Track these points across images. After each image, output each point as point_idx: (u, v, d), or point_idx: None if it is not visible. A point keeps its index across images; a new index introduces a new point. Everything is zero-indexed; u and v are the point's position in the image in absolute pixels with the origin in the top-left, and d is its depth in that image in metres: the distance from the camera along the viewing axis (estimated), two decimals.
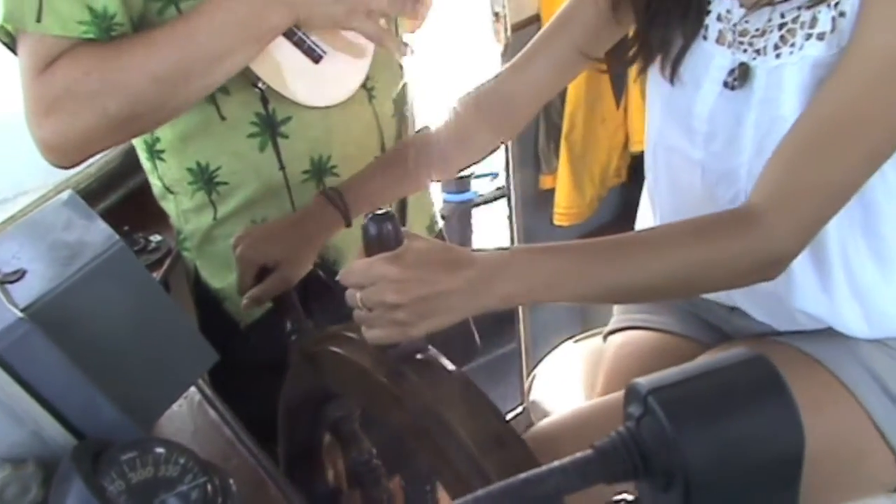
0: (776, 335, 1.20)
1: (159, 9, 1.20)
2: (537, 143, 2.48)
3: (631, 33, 1.19)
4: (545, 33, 1.27)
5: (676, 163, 1.19)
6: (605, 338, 1.46)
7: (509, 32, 2.34)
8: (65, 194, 1.06)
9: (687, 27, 1.09)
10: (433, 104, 1.80)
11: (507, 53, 2.37)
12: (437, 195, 2.43)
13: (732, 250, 0.94)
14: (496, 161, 2.55)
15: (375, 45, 1.32)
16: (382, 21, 1.26)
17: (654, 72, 1.17)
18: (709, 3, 1.09)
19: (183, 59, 1.17)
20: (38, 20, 1.13)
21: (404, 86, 1.49)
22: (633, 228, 1.38)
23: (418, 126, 1.53)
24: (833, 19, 0.94)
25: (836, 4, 0.93)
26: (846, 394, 1.09)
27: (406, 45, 1.35)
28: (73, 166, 1.26)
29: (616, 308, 1.45)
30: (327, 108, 1.33)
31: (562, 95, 2.40)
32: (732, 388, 0.51)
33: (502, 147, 2.46)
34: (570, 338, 1.83)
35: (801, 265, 1.07)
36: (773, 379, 0.51)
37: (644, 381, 0.50)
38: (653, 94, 1.21)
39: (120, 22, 1.16)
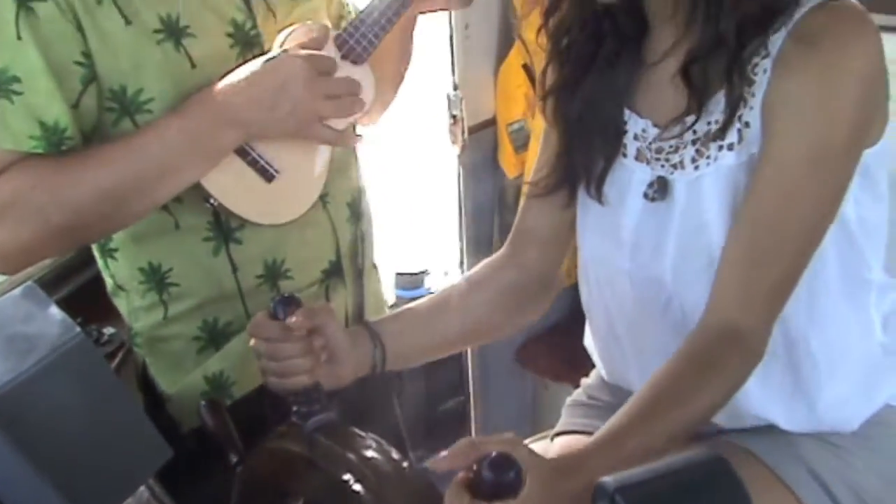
0: (721, 432, 1.22)
1: (114, 120, 1.21)
2: (492, 240, 2.52)
3: (553, 159, 1.23)
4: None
5: (607, 275, 1.23)
6: (552, 439, 1.46)
7: (466, 135, 2.40)
8: (23, 287, 1.05)
9: (607, 148, 1.15)
10: (389, 204, 1.82)
11: (463, 154, 2.43)
12: (389, 291, 2.44)
13: (739, 371, 1.03)
14: (449, 258, 2.58)
15: (331, 150, 1.35)
16: (337, 122, 1.28)
17: (581, 192, 1.22)
18: (625, 123, 1.14)
19: (131, 174, 1.18)
20: None
21: (359, 189, 1.51)
22: (583, 330, 1.40)
23: (373, 225, 1.55)
24: (739, 131, 1.02)
25: (740, 117, 1.01)
26: (786, 491, 1.11)
27: (358, 135, 1.38)
28: (16, 272, 1.26)
29: (563, 411, 1.47)
30: None
31: (516, 192, 2.44)
32: (694, 487, 0.53)
33: (457, 243, 2.51)
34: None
35: None
36: (731, 480, 0.53)
37: (611, 479, 0.51)
38: (581, 212, 1.24)
39: (70, 136, 1.18)
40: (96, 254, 1.40)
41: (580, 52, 1.14)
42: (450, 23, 2.34)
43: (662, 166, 1.10)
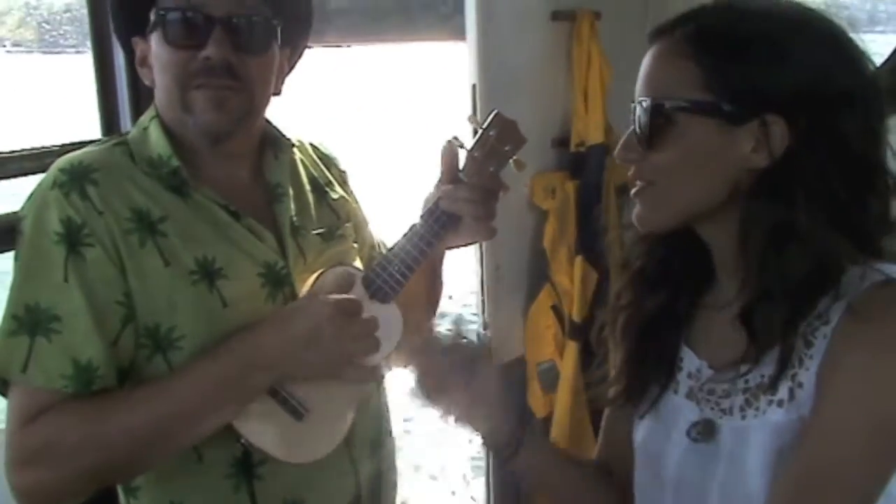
0: None
1: (146, 356, 1.23)
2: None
3: (612, 375, 1.23)
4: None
5: None
6: None
7: None
8: None
9: (660, 378, 1.15)
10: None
11: None
12: None
13: None
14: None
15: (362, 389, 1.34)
16: (367, 360, 1.29)
17: (635, 420, 1.21)
18: (681, 360, 1.14)
19: (163, 418, 1.19)
20: (24, 370, 1.17)
21: (383, 422, 1.49)
22: None
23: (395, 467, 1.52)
24: (791, 389, 0.99)
25: (794, 376, 0.99)
26: None
27: (382, 367, 1.37)
28: None
29: None
30: None
31: (544, 432, 2.39)
32: None
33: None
34: None
35: None
36: None
37: None
38: (635, 437, 1.22)
39: (102, 375, 1.19)
40: (120, 491, 1.38)
41: (650, 280, 1.16)
42: (480, 263, 2.40)
43: (712, 409, 1.08)
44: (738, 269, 1.04)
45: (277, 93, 1.34)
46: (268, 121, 1.38)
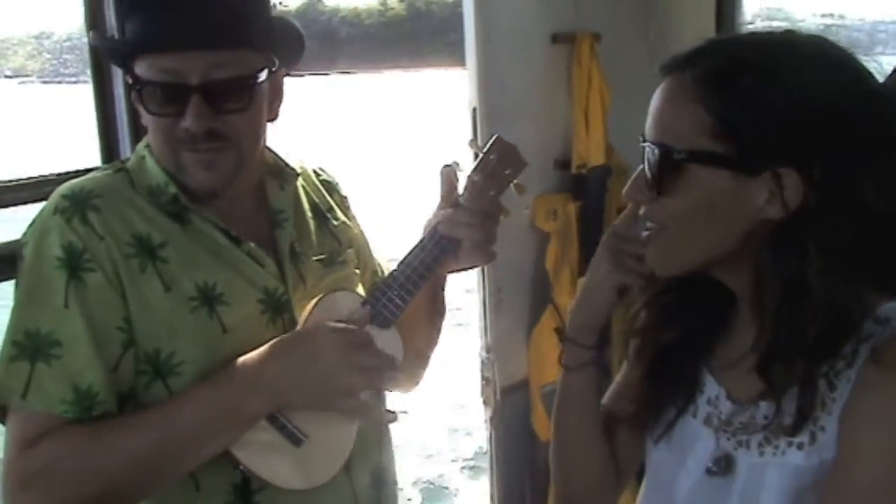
0: None
1: (146, 382, 1.22)
2: (524, 499, 2.43)
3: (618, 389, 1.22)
4: None
5: None
6: None
7: (499, 396, 2.39)
8: None
9: (679, 399, 1.11)
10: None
11: (496, 416, 2.40)
12: None
13: None
14: None
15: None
16: (365, 395, 1.27)
17: (649, 441, 1.18)
18: (703, 384, 1.10)
19: (162, 444, 1.18)
20: (24, 396, 1.16)
21: (387, 460, 1.46)
22: None
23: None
24: (812, 433, 0.96)
25: (816, 419, 0.95)
26: None
27: (392, 412, 1.36)
28: None
29: None
30: None
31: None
32: None
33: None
34: None
35: None
36: None
37: None
38: (646, 462, 1.20)
39: (102, 400, 1.18)
40: None
41: (673, 304, 1.12)
42: (483, 286, 2.40)
43: (728, 439, 1.05)
44: (761, 308, 0.99)
45: (274, 118, 1.33)
46: (270, 149, 1.37)
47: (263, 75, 1.25)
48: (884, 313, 0.95)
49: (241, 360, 1.21)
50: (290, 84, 1.38)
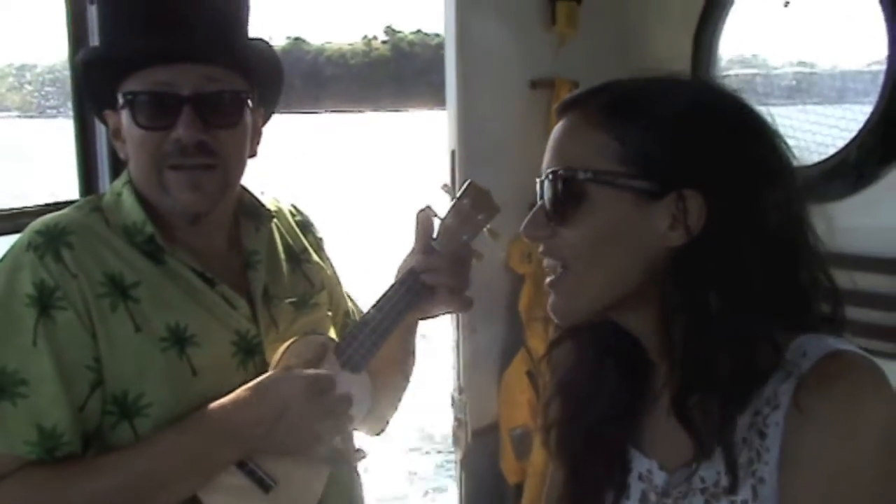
0: None
1: (112, 423, 1.21)
2: None
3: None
4: None
5: None
6: None
7: (469, 438, 2.39)
8: None
9: (611, 483, 1.06)
10: None
11: (466, 459, 2.39)
12: None
13: None
14: None
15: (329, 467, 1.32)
16: (337, 440, 1.27)
17: None
18: (630, 461, 1.05)
19: (126, 489, 1.17)
20: None
21: (353, 496, 1.45)
22: None
23: None
24: (753, 487, 0.91)
25: (754, 472, 0.91)
26: None
27: (360, 450, 1.36)
28: None
29: None
30: None
31: (516, 499, 2.37)
32: None
33: None
34: None
35: None
36: None
37: None
38: None
39: (67, 441, 1.17)
40: None
41: (583, 388, 1.09)
42: (457, 327, 2.40)
43: None
44: (670, 354, 0.95)
45: (253, 155, 1.34)
46: (246, 189, 1.38)
47: (250, 99, 1.28)
48: (800, 347, 0.92)
49: (210, 406, 1.20)
50: (274, 122, 1.40)
